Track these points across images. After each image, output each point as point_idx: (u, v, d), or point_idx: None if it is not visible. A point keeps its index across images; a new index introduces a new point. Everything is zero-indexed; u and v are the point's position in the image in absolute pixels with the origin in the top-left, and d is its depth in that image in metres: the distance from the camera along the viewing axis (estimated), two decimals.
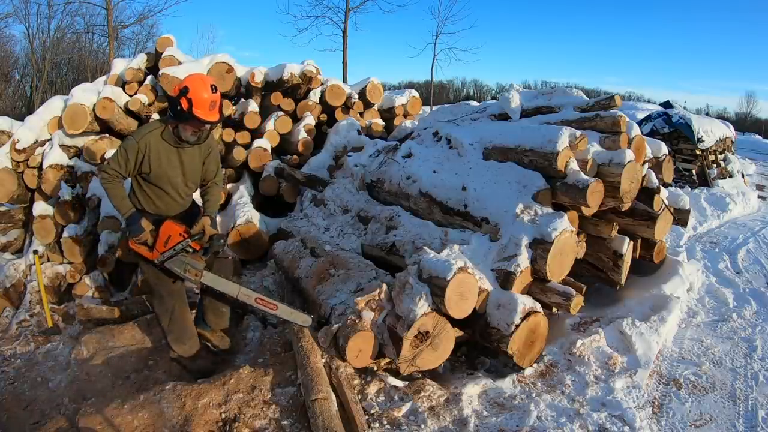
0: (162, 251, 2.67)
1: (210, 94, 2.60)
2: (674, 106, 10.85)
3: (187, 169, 2.83)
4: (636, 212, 3.69)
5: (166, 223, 2.70)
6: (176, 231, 2.70)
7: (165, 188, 2.79)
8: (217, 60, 5.48)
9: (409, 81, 40.23)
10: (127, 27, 19.18)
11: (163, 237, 2.68)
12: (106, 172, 2.65)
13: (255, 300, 2.75)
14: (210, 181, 3.05)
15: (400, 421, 2.49)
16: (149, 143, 2.66)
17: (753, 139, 21.38)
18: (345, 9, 16.28)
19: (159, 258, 2.67)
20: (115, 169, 2.65)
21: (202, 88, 2.58)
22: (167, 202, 2.84)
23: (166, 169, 2.74)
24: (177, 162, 2.78)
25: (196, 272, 2.67)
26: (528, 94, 4.42)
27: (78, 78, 20.39)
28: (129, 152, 2.64)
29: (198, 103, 2.58)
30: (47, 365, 3.23)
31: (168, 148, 2.72)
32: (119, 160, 2.65)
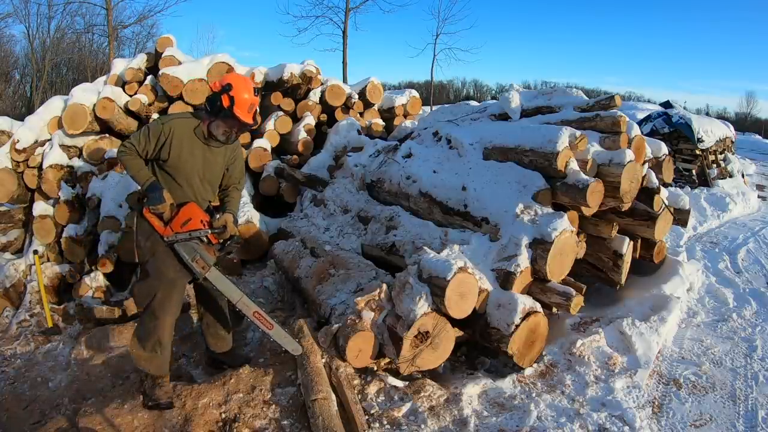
0: (177, 231, 2.51)
1: (252, 96, 2.54)
2: (674, 106, 10.85)
3: (207, 167, 2.67)
4: (636, 212, 3.69)
5: (190, 204, 2.58)
6: (198, 216, 2.57)
7: (179, 180, 2.62)
8: (217, 60, 5.48)
9: (409, 81, 40.27)
10: (127, 27, 19.20)
11: (182, 217, 2.53)
12: (124, 146, 2.52)
13: (253, 313, 2.62)
14: (232, 186, 2.90)
15: (400, 421, 2.49)
16: (174, 129, 2.53)
17: (753, 139, 21.39)
18: (345, 9, 16.30)
19: (171, 237, 2.50)
20: (134, 145, 2.51)
21: (245, 89, 2.52)
22: (178, 195, 2.63)
23: (186, 160, 2.58)
24: (200, 157, 2.62)
25: (204, 265, 2.52)
26: (528, 94, 4.42)
27: (78, 78, 20.39)
28: (151, 133, 2.51)
29: (240, 103, 2.50)
30: (47, 365, 3.23)
31: (193, 141, 2.58)
32: (140, 138, 2.52)
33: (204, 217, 2.60)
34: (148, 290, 2.58)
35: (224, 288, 2.62)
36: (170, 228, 2.52)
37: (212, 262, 2.56)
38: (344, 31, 16.48)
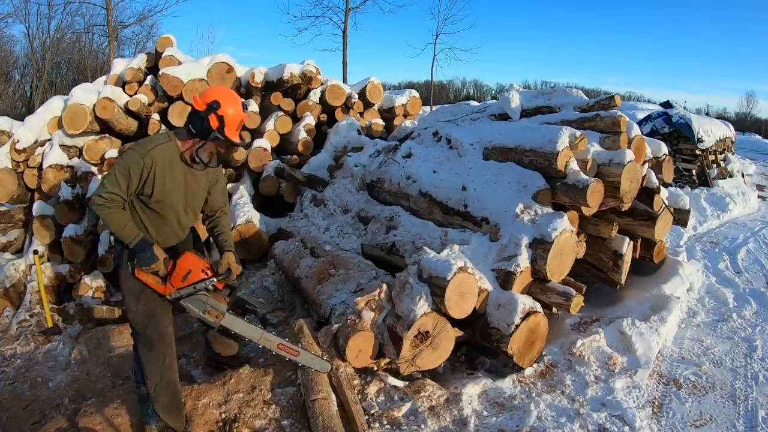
0: (179, 287, 2.28)
1: (240, 113, 2.29)
2: (674, 106, 10.86)
3: (191, 194, 2.40)
4: (636, 212, 3.69)
5: (186, 255, 2.32)
6: (198, 266, 2.32)
7: (165, 215, 2.34)
8: (217, 60, 5.48)
9: (409, 81, 40.25)
10: (127, 27, 19.20)
11: (181, 271, 2.29)
12: (101, 197, 2.15)
13: (277, 346, 2.49)
14: (218, 211, 2.63)
15: (400, 421, 2.49)
16: (156, 160, 2.20)
17: (753, 139, 21.37)
18: (345, 9, 16.30)
19: (174, 294, 2.29)
20: (114, 193, 2.15)
21: (234, 105, 2.25)
22: (165, 232, 2.39)
23: (171, 191, 2.29)
24: (182, 183, 2.34)
25: (217, 314, 2.34)
26: (528, 94, 4.42)
27: (78, 78, 20.39)
28: (132, 170, 2.15)
29: (230, 123, 2.23)
30: (47, 365, 3.23)
31: (174, 167, 2.28)
32: (118, 181, 2.15)
33: (204, 264, 2.36)
34: (155, 356, 2.34)
35: (243, 330, 2.47)
36: (170, 285, 2.29)
37: (225, 309, 2.39)
38: (344, 31, 16.48)
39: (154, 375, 2.33)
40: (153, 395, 2.33)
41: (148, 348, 2.33)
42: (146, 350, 2.33)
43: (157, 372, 2.33)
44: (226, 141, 2.26)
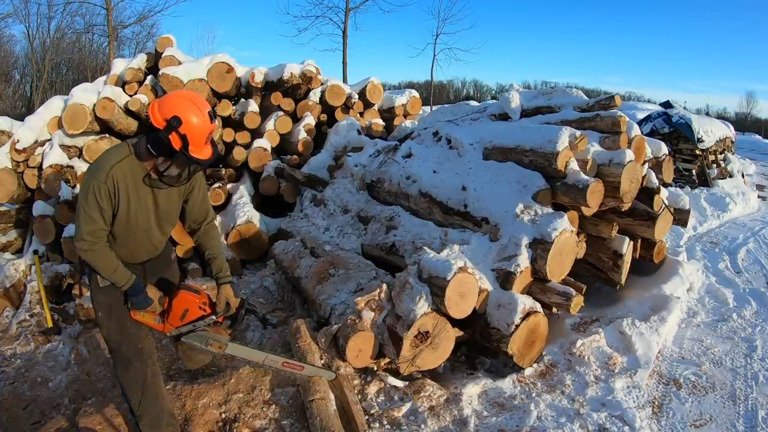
0: (178, 326, 2.20)
1: (207, 123, 1.96)
2: (674, 106, 10.85)
3: (162, 211, 2.13)
4: (636, 212, 3.70)
5: (181, 295, 2.21)
6: (194, 303, 2.22)
7: (133, 236, 2.10)
8: (217, 60, 5.48)
9: (409, 81, 40.27)
10: (127, 27, 19.20)
11: (178, 310, 2.19)
12: (84, 240, 1.93)
13: (282, 364, 2.47)
14: (204, 223, 2.32)
15: (400, 421, 2.49)
16: (117, 179, 1.94)
17: (753, 139, 21.38)
18: (345, 9, 16.31)
19: (173, 332, 2.22)
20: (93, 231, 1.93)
21: (197, 117, 1.92)
22: (133, 250, 2.16)
23: (136, 212, 2.04)
24: (150, 203, 2.07)
25: (220, 345, 2.29)
26: (528, 94, 4.42)
27: (78, 78, 20.39)
28: (100, 198, 1.90)
29: (194, 140, 1.92)
30: (47, 365, 3.23)
31: (139, 185, 2.01)
32: (92, 216, 1.91)
33: (200, 299, 2.23)
34: (135, 375, 2.19)
35: (246, 356, 2.41)
36: (168, 323, 2.20)
37: (227, 340, 2.33)
38: (344, 31, 16.49)
39: (136, 393, 2.19)
40: (137, 412, 2.21)
41: (125, 367, 2.18)
42: (124, 369, 2.18)
43: (138, 390, 2.19)
44: (193, 161, 1.96)
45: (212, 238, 2.36)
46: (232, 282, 2.33)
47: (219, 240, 2.42)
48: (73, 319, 3.84)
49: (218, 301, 2.27)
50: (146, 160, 1.99)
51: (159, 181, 2.03)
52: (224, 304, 2.26)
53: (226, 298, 2.26)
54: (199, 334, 2.24)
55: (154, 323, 2.20)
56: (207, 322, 2.23)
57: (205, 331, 2.25)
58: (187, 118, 1.90)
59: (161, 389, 2.29)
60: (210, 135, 2.01)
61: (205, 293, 2.29)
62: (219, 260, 2.33)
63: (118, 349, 2.18)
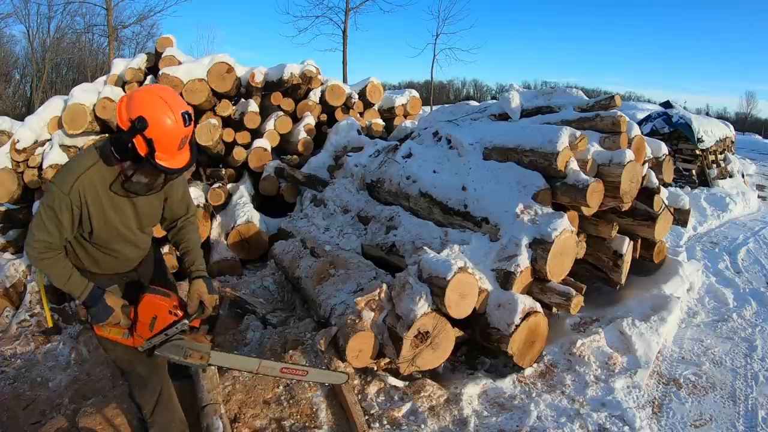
0: (148, 337, 1.93)
1: (180, 126, 1.69)
2: (674, 106, 10.86)
3: (142, 215, 1.95)
4: (636, 212, 3.69)
5: (146, 299, 1.93)
6: (163, 308, 1.93)
7: (115, 246, 1.94)
8: (217, 60, 5.48)
9: (409, 81, 40.33)
10: (127, 27, 19.19)
11: (145, 318, 1.92)
12: (34, 248, 1.76)
13: (281, 370, 2.19)
14: (181, 220, 2.12)
15: (400, 421, 2.49)
16: (84, 192, 1.75)
17: (753, 139, 21.40)
18: (345, 9, 16.33)
19: (145, 345, 1.94)
20: (46, 241, 1.75)
21: (169, 121, 1.67)
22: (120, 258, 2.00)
23: (115, 220, 1.86)
24: (129, 209, 1.89)
25: (201, 355, 1.99)
26: (528, 94, 4.42)
27: (78, 78, 20.40)
28: (60, 213, 1.73)
29: (164, 145, 1.68)
30: (47, 365, 3.23)
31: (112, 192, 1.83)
32: (47, 227, 1.74)
33: (170, 303, 1.95)
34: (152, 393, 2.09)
35: (236, 364, 2.17)
36: (138, 335, 1.94)
37: (209, 348, 2.01)
38: (344, 31, 16.50)
39: (149, 405, 2.09)
40: (148, 420, 2.11)
41: (141, 386, 2.07)
42: (140, 388, 2.07)
43: (152, 403, 2.09)
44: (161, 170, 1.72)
45: (188, 233, 2.13)
46: (207, 277, 2.05)
47: (196, 235, 2.17)
48: (73, 319, 3.84)
49: (189, 299, 1.98)
50: (113, 165, 1.78)
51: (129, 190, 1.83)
52: (197, 303, 1.98)
53: (199, 295, 1.98)
54: (174, 344, 1.94)
55: (121, 338, 1.94)
56: (180, 328, 1.93)
57: (181, 340, 1.95)
58: (155, 119, 1.65)
59: (173, 397, 2.19)
60: (185, 140, 1.75)
61: (176, 296, 2.03)
62: (193, 253, 2.09)
63: (132, 370, 2.04)
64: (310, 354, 2.81)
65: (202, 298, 1.99)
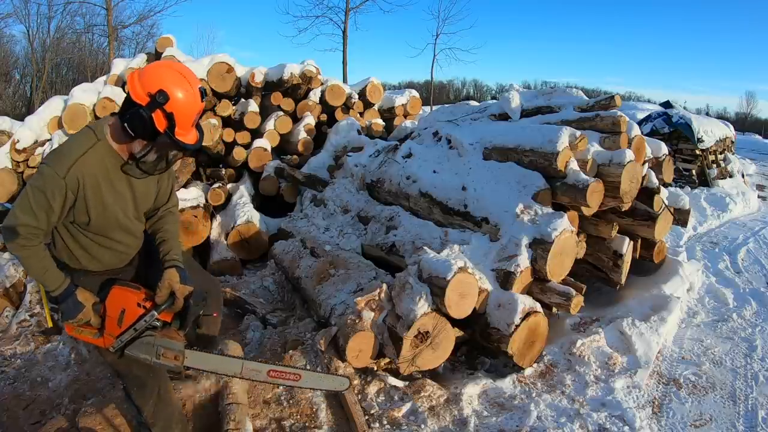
0: (117, 334, 1.78)
1: (197, 101, 1.68)
2: (674, 106, 10.86)
3: (139, 199, 1.86)
4: (636, 212, 3.69)
5: (114, 292, 1.80)
6: (131, 300, 1.79)
7: (113, 236, 1.82)
8: (217, 60, 5.48)
9: (409, 81, 40.34)
10: (127, 27, 19.17)
11: (113, 312, 1.78)
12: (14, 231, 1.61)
13: (268, 374, 1.95)
14: (162, 209, 2.01)
15: (400, 421, 2.49)
16: (82, 176, 1.63)
17: (753, 139, 21.41)
18: (345, 9, 16.33)
19: (115, 344, 1.79)
20: (30, 226, 1.61)
21: (188, 95, 1.64)
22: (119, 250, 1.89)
23: (114, 209, 1.75)
24: (127, 193, 1.79)
25: (175, 355, 1.79)
26: (528, 94, 4.42)
27: (78, 78, 20.38)
28: (51, 196, 1.60)
29: (183, 120, 1.64)
30: (47, 365, 3.23)
31: (112, 176, 1.72)
32: (34, 211, 1.60)
33: (138, 295, 1.81)
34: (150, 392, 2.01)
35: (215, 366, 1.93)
36: (108, 334, 1.80)
37: (182, 347, 1.81)
38: (344, 31, 16.50)
39: (148, 406, 2.02)
40: (149, 420, 2.04)
41: (140, 387, 1.98)
42: (139, 389, 1.99)
43: (152, 403, 2.01)
44: (178, 146, 1.68)
45: (167, 222, 1.99)
46: (181, 268, 1.87)
47: (175, 226, 2.03)
48: None
49: (159, 288, 1.79)
50: (121, 144, 1.69)
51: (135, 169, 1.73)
52: (166, 293, 1.78)
53: (170, 285, 1.79)
54: (145, 341, 1.77)
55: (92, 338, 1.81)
56: (148, 320, 1.76)
57: (151, 337, 1.78)
58: (175, 93, 1.60)
59: (171, 394, 2.14)
60: (198, 116, 1.71)
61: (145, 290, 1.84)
62: (170, 243, 1.94)
63: (129, 373, 1.95)
64: (310, 354, 2.81)
65: (173, 288, 1.80)
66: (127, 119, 1.62)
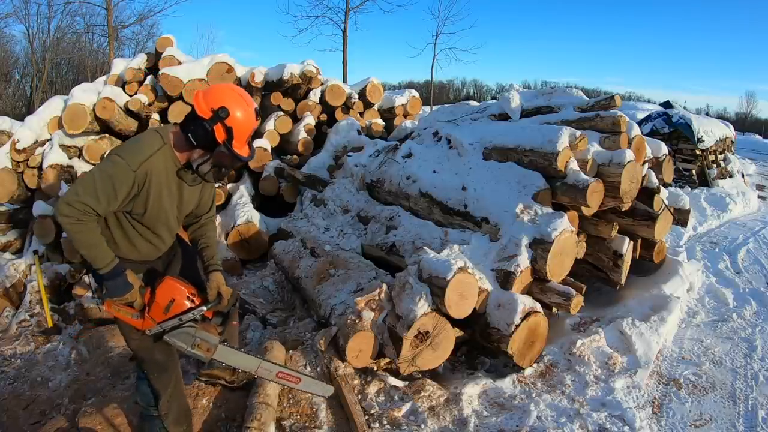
0: (161, 320, 1.93)
1: (252, 121, 1.90)
2: (674, 106, 10.86)
3: (184, 203, 2.06)
4: (636, 212, 3.69)
5: (166, 282, 1.96)
6: (182, 294, 1.95)
7: (158, 231, 2.01)
8: (217, 60, 5.48)
9: (409, 81, 40.34)
10: (127, 27, 19.14)
11: (162, 301, 1.93)
12: (74, 208, 1.70)
13: (277, 375, 2.19)
14: (204, 217, 2.23)
15: (400, 421, 2.49)
16: (151, 173, 1.83)
17: (753, 139, 21.41)
18: (345, 9, 16.31)
19: (154, 329, 1.93)
20: (90, 206, 1.72)
21: (246, 113, 1.86)
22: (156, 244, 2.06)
23: (166, 206, 1.95)
24: (176, 196, 1.99)
25: (208, 347, 1.98)
26: (528, 94, 4.42)
27: (78, 78, 20.36)
28: (119, 186, 1.76)
29: (239, 134, 1.86)
30: (47, 365, 3.23)
31: (170, 178, 1.93)
32: (98, 195, 1.73)
33: (189, 289, 1.99)
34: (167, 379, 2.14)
35: (238, 362, 2.12)
36: (150, 318, 1.94)
37: (217, 341, 2.02)
38: (344, 31, 16.49)
39: (166, 393, 2.13)
40: (163, 411, 2.15)
41: (159, 372, 2.11)
42: (158, 374, 2.11)
43: (168, 390, 2.14)
44: (234, 156, 1.89)
45: (209, 230, 2.24)
46: (222, 271, 2.16)
47: (215, 234, 2.29)
48: (73, 319, 3.84)
49: (209, 288, 2.04)
50: (181, 152, 1.91)
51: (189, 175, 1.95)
52: (216, 293, 2.04)
53: (218, 286, 2.05)
54: (185, 330, 1.95)
55: (130, 318, 1.94)
56: (195, 314, 1.96)
57: (192, 328, 1.96)
58: (234, 110, 1.84)
59: (183, 387, 2.28)
60: (253, 131, 1.95)
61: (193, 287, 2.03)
62: (212, 249, 2.19)
63: (151, 358, 2.07)
64: (310, 354, 2.81)
65: (220, 289, 2.06)
66: (191, 130, 1.85)
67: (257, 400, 2.34)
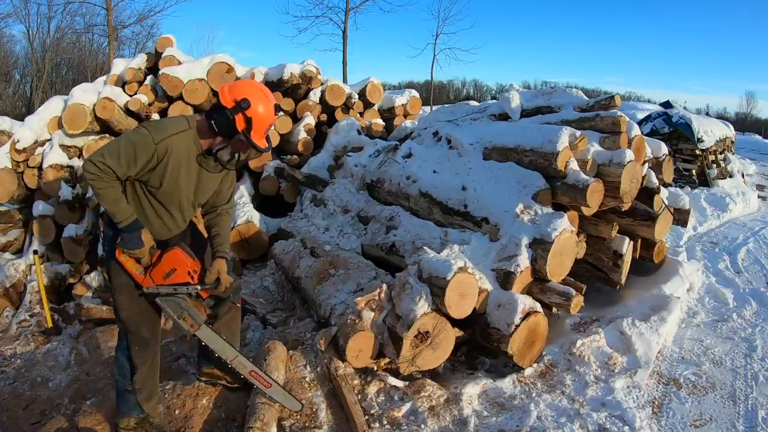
0: (159, 283, 2.07)
1: (271, 115, 2.08)
2: (674, 106, 10.86)
3: (201, 190, 2.20)
4: (636, 212, 3.69)
5: (174, 251, 2.09)
6: (185, 266, 2.09)
7: (171, 209, 2.15)
8: (217, 60, 5.48)
9: (409, 81, 40.35)
10: (127, 27, 19.13)
11: (165, 266, 2.07)
12: (96, 166, 1.90)
13: (249, 372, 2.27)
14: (221, 207, 2.36)
15: (400, 421, 2.49)
16: (171, 150, 1.98)
17: (753, 139, 21.42)
18: (345, 9, 16.31)
19: (151, 288, 2.07)
20: (111, 168, 1.91)
21: (265, 107, 2.03)
22: (167, 223, 2.19)
23: (182, 186, 2.09)
24: (195, 179, 2.14)
25: (192, 323, 2.09)
26: (528, 94, 4.42)
27: (78, 78, 20.36)
28: (139, 151, 1.92)
29: (258, 126, 2.03)
30: (47, 365, 3.23)
31: (190, 161, 2.08)
32: (120, 158, 1.91)
33: (192, 265, 2.11)
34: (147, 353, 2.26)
35: (216, 348, 2.23)
36: (150, 277, 2.08)
37: (202, 321, 2.13)
38: (344, 31, 16.48)
39: (143, 369, 2.25)
40: (137, 386, 2.26)
41: (142, 346, 2.23)
42: (140, 348, 2.22)
43: (146, 366, 2.26)
44: (251, 145, 2.05)
45: (223, 220, 2.36)
46: (228, 259, 2.24)
47: (229, 224, 2.41)
48: (73, 319, 3.84)
49: (209, 272, 2.16)
50: (204, 138, 2.08)
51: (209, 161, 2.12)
52: (215, 277, 2.15)
53: (218, 272, 2.16)
54: (176, 300, 2.07)
55: (134, 271, 2.07)
56: (190, 290, 2.08)
57: (184, 301, 2.08)
58: (255, 102, 2.00)
59: (158, 370, 2.38)
60: (270, 127, 2.11)
61: (200, 263, 2.16)
62: (223, 236, 2.32)
63: (137, 330, 2.20)
64: (310, 354, 2.81)
65: (220, 275, 2.17)
66: (214, 117, 2.02)
67: (260, 399, 2.34)
